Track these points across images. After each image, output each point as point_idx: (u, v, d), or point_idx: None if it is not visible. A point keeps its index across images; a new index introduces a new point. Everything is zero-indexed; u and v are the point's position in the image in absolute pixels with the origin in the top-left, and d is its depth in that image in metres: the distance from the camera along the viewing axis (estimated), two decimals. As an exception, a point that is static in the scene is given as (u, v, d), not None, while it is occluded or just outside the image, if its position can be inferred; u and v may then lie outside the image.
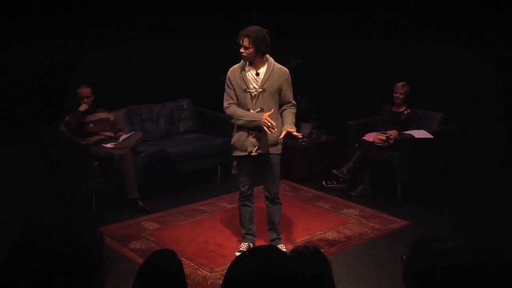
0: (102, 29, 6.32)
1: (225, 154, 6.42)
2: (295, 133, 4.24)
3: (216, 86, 6.52)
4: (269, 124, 4.11)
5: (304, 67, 6.50)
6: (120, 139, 5.63)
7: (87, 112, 5.70)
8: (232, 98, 4.30)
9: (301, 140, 6.40)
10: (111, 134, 5.79)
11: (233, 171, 6.63)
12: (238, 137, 4.35)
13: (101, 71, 6.24)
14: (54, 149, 5.77)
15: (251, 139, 4.30)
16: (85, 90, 5.66)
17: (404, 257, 1.76)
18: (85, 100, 5.65)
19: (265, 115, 4.15)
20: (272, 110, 4.23)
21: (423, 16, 6.68)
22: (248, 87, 4.25)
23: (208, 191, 6.07)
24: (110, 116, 5.94)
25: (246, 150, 4.33)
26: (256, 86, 4.26)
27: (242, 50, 4.20)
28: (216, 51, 6.69)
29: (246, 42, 4.16)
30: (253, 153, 4.31)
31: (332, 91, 7.25)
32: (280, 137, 4.26)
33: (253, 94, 4.25)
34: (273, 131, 4.16)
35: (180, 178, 6.13)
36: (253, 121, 4.21)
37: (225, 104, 4.33)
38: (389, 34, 6.84)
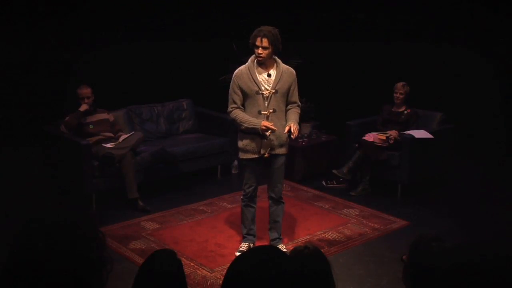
0: (102, 29, 6.32)
1: (225, 154, 6.43)
2: (293, 130, 4.18)
3: (216, 86, 6.53)
4: (266, 127, 4.14)
5: (304, 67, 6.50)
6: (120, 139, 5.63)
7: (87, 113, 5.69)
8: (236, 103, 4.28)
9: (301, 140, 6.41)
10: (111, 134, 5.79)
11: (233, 171, 6.63)
12: (250, 139, 4.31)
13: (101, 71, 6.24)
14: (54, 149, 5.77)
15: (265, 141, 4.28)
16: (86, 91, 5.66)
17: (404, 257, 1.77)
18: (86, 100, 5.65)
19: (264, 122, 4.17)
20: (273, 111, 4.25)
21: (423, 16, 6.68)
22: (260, 89, 4.22)
23: (208, 191, 6.06)
24: (110, 116, 5.93)
25: (259, 152, 4.31)
26: (268, 88, 4.24)
27: (260, 51, 4.14)
28: (216, 51, 6.70)
29: (265, 42, 4.12)
30: (266, 155, 4.32)
31: (332, 91, 7.25)
32: (284, 132, 4.24)
33: (265, 96, 4.23)
34: (275, 128, 4.18)
35: (180, 178, 6.12)
36: (253, 128, 4.22)
37: (229, 108, 4.33)
38: (389, 34, 6.84)
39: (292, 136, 4.28)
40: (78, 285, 1.28)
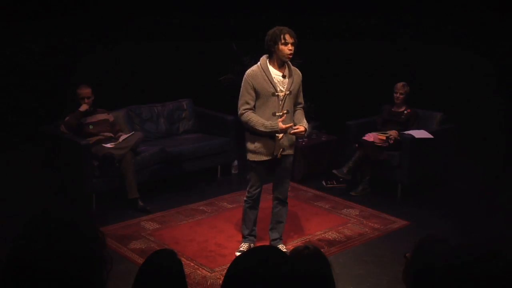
0: (102, 29, 6.33)
1: (225, 154, 6.43)
2: (297, 131, 4.19)
3: (216, 86, 6.53)
4: (286, 128, 4.12)
5: (304, 67, 6.49)
6: (120, 139, 5.63)
7: (87, 113, 5.69)
8: (249, 103, 4.17)
9: (301, 140, 6.41)
10: (111, 134, 5.79)
11: (233, 171, 6.63)
12: (263, 141, 4.23)
13: (101, 71, 6.24)
14: (54, 149, 5.77)
15: (279, 143, 4.25)
16: (86, 91, 5.65)
17: (407, 254, 1.77)
18: (86, 100, 5.64)
19: (280, 124, 4.10)
20: (287, 112, 4.22)
21: (423, 16, 6.68)
22: (276, 91, 4.17)
23: (208, 191, 6.07)
24: (109, 117, 5.93)
25: (272, 154, 4.27)
26: (283, 89, 4.19)
27: (290, 47, 4.08)
28: (216, 51, 6.70)
29: (295, 38, 4.08)
30: (279, 156, 4.29)
31: (332, 91, 7.25)
32: (291, 131, 4.21)
33: (281, 97, 4.19)
34: (290, 126, 4.17)
35: (180, 178, 6.12)
36: (271, 131, 4.14)
37: (241, 110, 4.18)
38: (389, 34, 6.84)
39: (289, 132, 4.20)
40: (78, 284, 1.28)
